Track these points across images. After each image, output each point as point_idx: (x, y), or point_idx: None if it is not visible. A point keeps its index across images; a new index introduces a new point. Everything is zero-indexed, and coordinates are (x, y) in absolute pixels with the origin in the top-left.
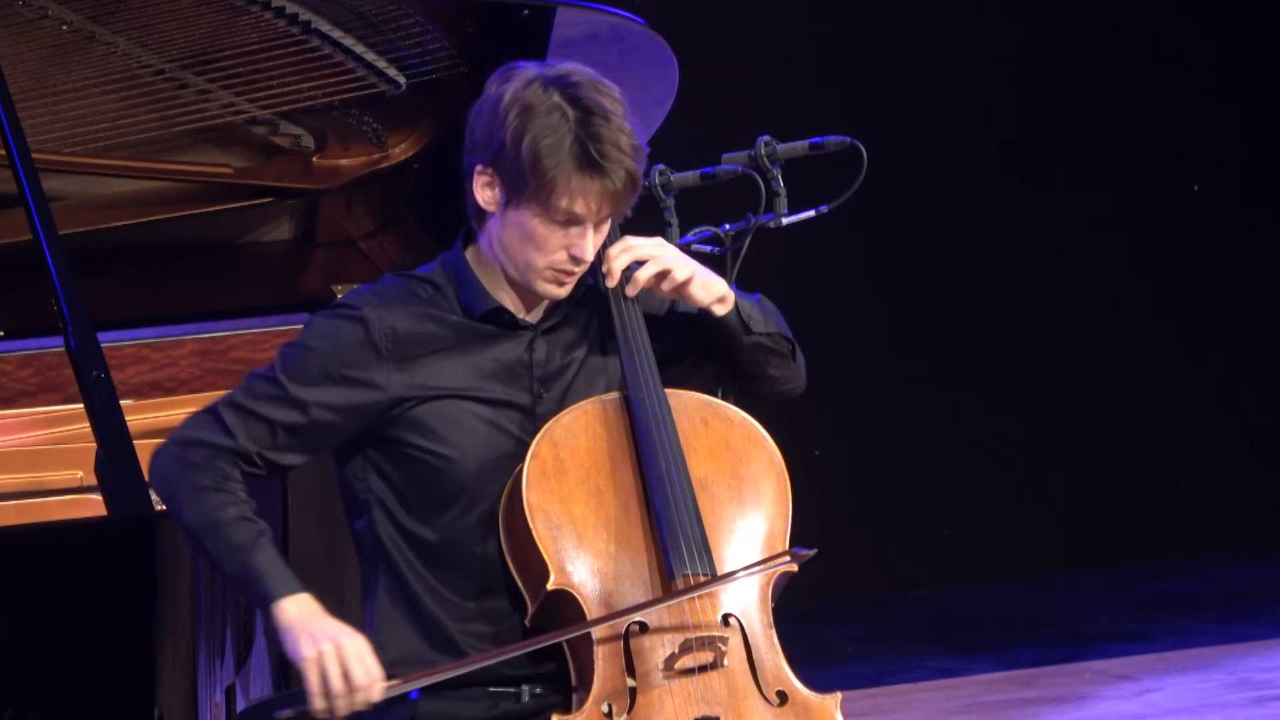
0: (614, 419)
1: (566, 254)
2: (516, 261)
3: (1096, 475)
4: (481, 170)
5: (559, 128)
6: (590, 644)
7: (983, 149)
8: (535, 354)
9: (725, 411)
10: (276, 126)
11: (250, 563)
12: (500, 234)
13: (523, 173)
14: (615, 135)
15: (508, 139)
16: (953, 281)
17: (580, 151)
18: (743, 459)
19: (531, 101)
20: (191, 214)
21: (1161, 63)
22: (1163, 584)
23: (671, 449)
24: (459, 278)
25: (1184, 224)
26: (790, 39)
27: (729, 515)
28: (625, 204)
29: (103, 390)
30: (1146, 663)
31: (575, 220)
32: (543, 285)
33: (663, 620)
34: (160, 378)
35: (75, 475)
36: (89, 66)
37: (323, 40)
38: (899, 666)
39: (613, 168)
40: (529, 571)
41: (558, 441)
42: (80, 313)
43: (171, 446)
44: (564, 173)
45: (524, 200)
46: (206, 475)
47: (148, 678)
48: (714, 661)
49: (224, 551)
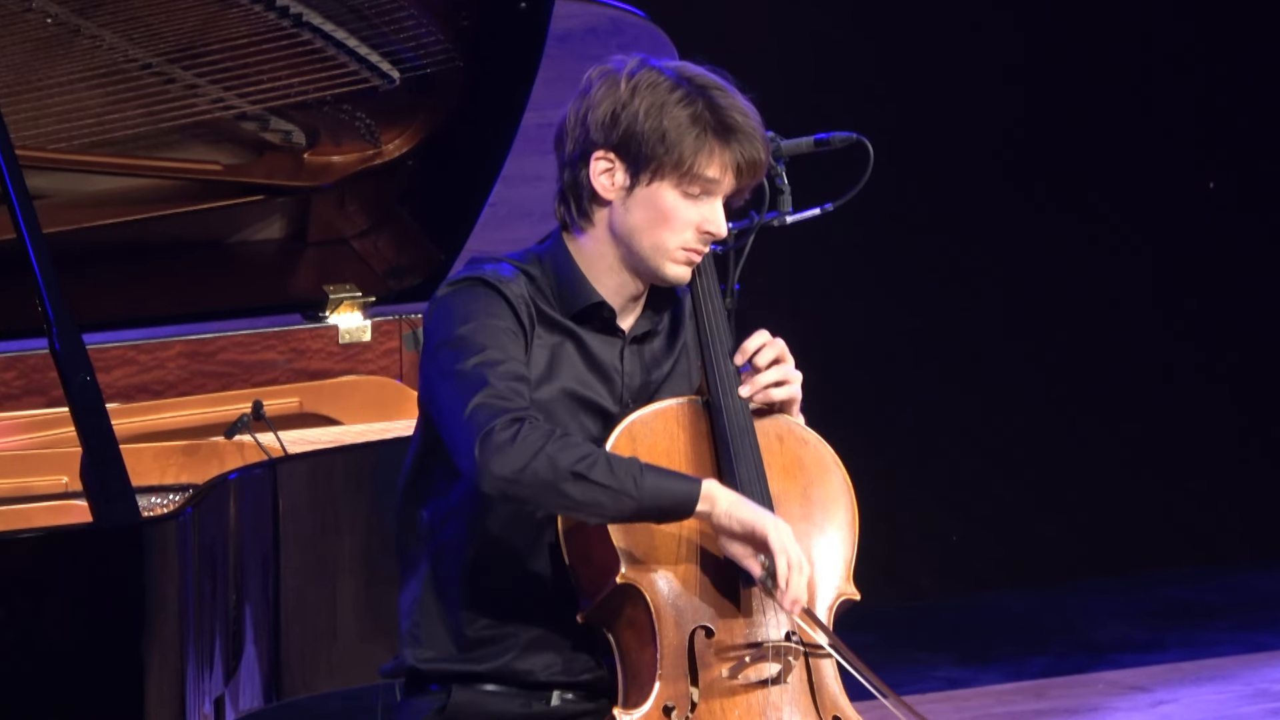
0: (694, 422)
1: (697, 231)
2: (646, 245)
3: (1109, 481)
4: (602, 155)
5: (691, 101)
6: (654, 645)
7: (993, 145)
8: (626, 364)
9: (800, 431)
10: (267, 122)
11: (650, 476)
12: (624, 220)
13: (659, 147)
14: (743, 106)
15: (639, 115)
16: (962, 283)
17: (716, 121)
18: (815, 481)
19: (653, 81)
20: (179, 212)
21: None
22: (1177, 592)
23: (754, 458)
24: (559, 267)
25: (1198, 224)
26: (795, 31)
27: (799, 534)
28: (759, 174)
29: (88, 393)
30: (1160, 673)
31: (709, 191)
32: (671, 268)
33: (731, 629)
34: (147, 380)
35: (60, 481)
36: (74, 60)
37: (314, 34)
38: (907, 677)
39: (750, 134)
40: (590, 565)
41: (636, 436)
42: (65, 314)
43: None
44: (705, 141)
45: (657, 176)
46: (553, 438)
47: (134, 689)
48: (779, 675)
49: (628, 485)
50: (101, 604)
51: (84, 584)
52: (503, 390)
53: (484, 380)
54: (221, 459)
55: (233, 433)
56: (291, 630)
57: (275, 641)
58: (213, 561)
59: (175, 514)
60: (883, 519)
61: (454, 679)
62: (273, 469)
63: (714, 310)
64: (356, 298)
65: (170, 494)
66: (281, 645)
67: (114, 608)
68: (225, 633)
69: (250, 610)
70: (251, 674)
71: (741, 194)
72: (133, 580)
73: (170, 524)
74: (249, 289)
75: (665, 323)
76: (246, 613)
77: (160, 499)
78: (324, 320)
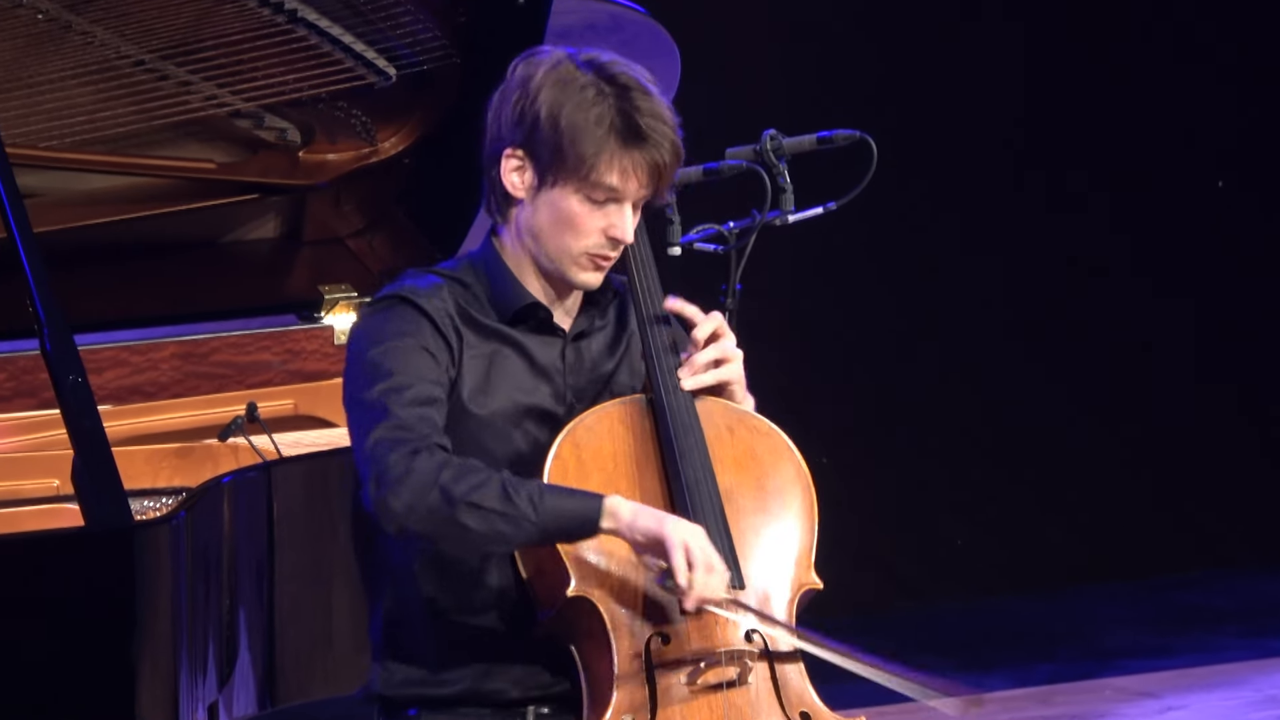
0: (638, 422)
1: (604, 236)
2: (550, 248)
3: (1115, 484)
4: (511, 153)
5: (599, 101)
6: (610, 655)
7: (998, 144)
8: (567, 363)
9: (752, 420)
10: (261, 120)
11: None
12: (532, 220)
13: (561, 149)
14: (657, 107)
15: (543, 116)
16: (967, 284)
17: (623, 124)
18: (769, 471)
19: (566, 78)
20: (172, 211)
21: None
22: (1185, 596)
23: (699, 455)
24: (491, 272)
25: (1207, 224)
26: (797, 28)
27: (755, 527)
28: (668, 179)
29: (80, 395)
30: (1169, 679)
31: (615, 198)
32: (577, 273)
33: (687, 634)
34: (140, 382)
35: (51, 484)
36: (65, 57)
37: (309, 30)
38: None
39: (657, 139)
40: (544, 578)
41: (580, 442)
42: (56, 314)
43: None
44: (607, 146)
45: (561, 179)
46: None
47: (127, 695)
48: (738, 678)
49: (524, 510)
50: (93, 609)
51: (75, 589)
52: (404, 419)
53: (385, 411)
54: (215, 462)
55: (227, 435)
56: (286, 636)
57: (269, 647)
58: (206, 566)
59: (168, 518)
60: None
61: (426, 704)
62: (267, 472)
63: (653, 304)
64: (352, 298)
65: (163, 497)
66: (276, 651)
67: (106, 613)
68: (219, 638)
69: (244, 615)
70: (245, 680)
71: (658, 197)
72: (125, 585)
73: (163, 528)
74: (243, 289)
75: (610, 318)
76: (240, 618)
77: (153, 502)
78: (319, 321)
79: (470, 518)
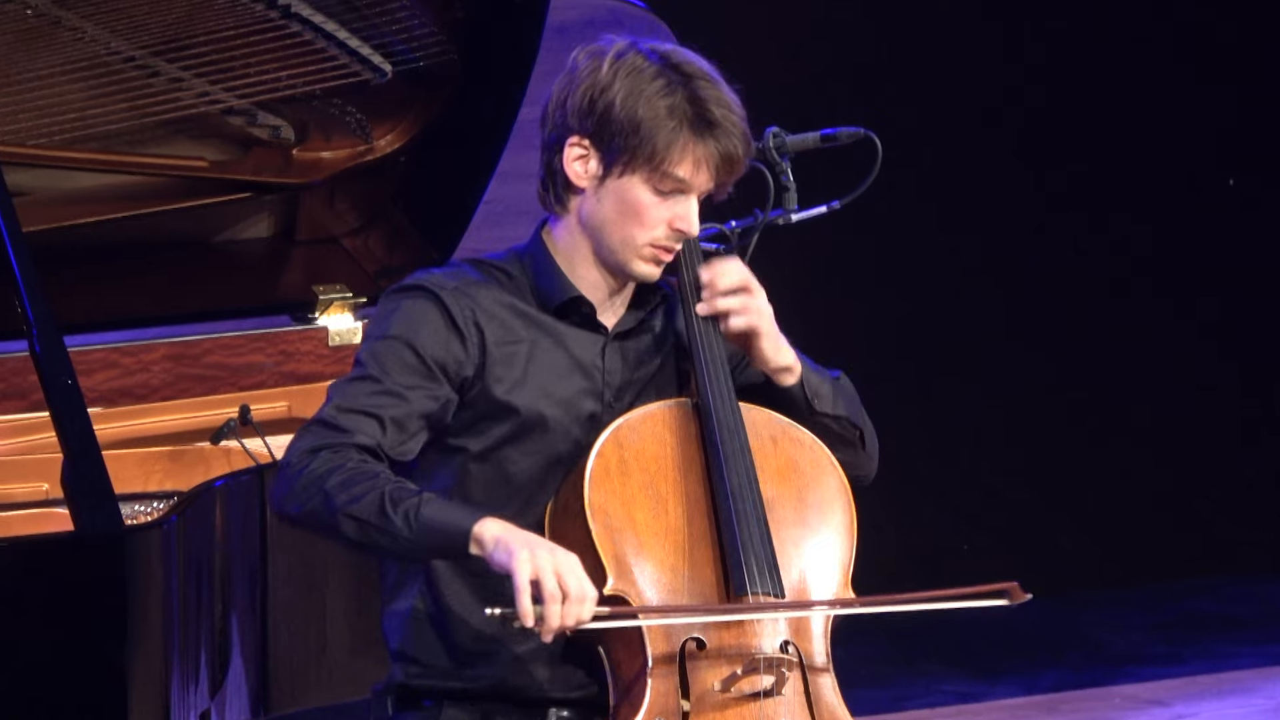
0: (683, 425)
1: (669, 228)
2: (614, 239)
3: (1125, 487)
4: (576, 141)
5: (671, 92)
6: (643, 657)
7: (1005, 141)
8: (608, 361)
9: (795, 432)
10: (254, 117)
11: (430, 514)
12: (595, 210)
13: (634, 139)
14: (726, 97)
15: (616, 105)
16: (973, 284)
17: (695, 114)
18: (811, 483)
19: (636, 67)
20: (164, 210)
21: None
22: (1196, 603)
23: (745, 463)
24: (536, 264)
25: (1219, 223)
26: (801, 23)
27: (795, 539)
28: (736, 171)
29: (70, 397)
30: (1179, 687)
31: (683, 189)
32: (639, 265)
33: (723, 640)
34: (131, 384)
35: (40, 488)
36: (55, 53)
37: (303, 25)
38: (915, 691)
39: (730, 129)
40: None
41: (623, 442)
42: (46, 315)
43: (287, 471)
44: (679, 135)
45: (630, 168)
46: (346, 462)
47: (118, 704)
48: (773, 688)
49: (398, 526)
50: (83, 616)
51: (65, 595)
52: (336, 420)
53: (327, 405)
54: (207, 465)
55: (219, 438)
56: (280, 642)
57: (263, 654)
58: (198, 571)
59: (159, 522)
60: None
61: (446, 695)
62: (260, 476)
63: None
64: (347, 298)
65: (154, 502)
66: (269, 658)
67: (96, 619)
68: (211, 645)
69: (237, 622)
70: (238, 687)
71: (721, 191)
72: (115, 591)
73: (154, 533)
74: (236, 289)
75: (658, 320)
76: (233, 624)
77: (144, 507)
78: (313, 322)
79: (347, 526)
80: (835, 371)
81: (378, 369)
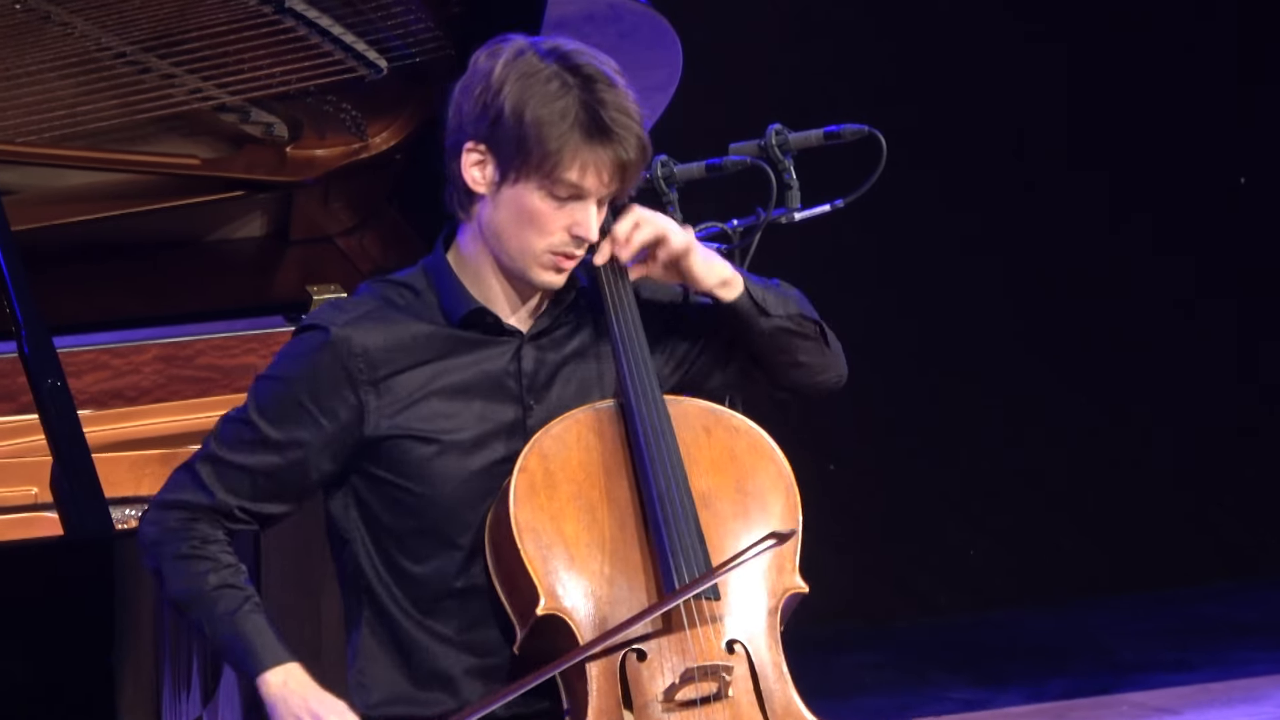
0: (608, 428)
1: (568, 234)
2: (511, 247)
3: (1133, 491)
4: (472, 147)
5: (563, 95)
6: (585, 673)
7: (1011, 139)
8: (523, 363)
9: (730, 420)
10: (247, 114)
11: (235, 632)
12: (493, 217)
13: (524, 144)
14: (623, 101)
15: (506, 109)
16: (979, 284)
17: (588, 118)
18: (748, 472)
19: (529, 70)
20: (155, 209)
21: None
22: (1205, 608)
23: (671, 461)
24: (438, 280)
25: (1230, 222)
26: (804, 19)
27: (734, 533)
28: (634, 176)
29: (59, 399)
30: (1188, 694)
31: (579, 195)
32: (540, 273)
33: (662, 647)
34: (121, 386)
35: (29, 492)
36: (44, 49)
37: (297, 21)
38: (921, 698)
39: (623, 134)
40: (517, 595)
41: (547, 454)
42: (35, 316)
43: (152, 512)
44: (571, 141)
45: (523, 175)
46: (184, 541)
47: (108, 711)
48: (718, 692)
49: (208, 622)
50: (73, 622)
51: (54, 601)
52: (209, 471)
53: (208, 448)
54: None
55: None
56: None
57: None
58: None
59: None
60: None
61: None
62: None
63: (623, 305)
64: None
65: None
66: None
67: (86, 626)
68: (203, 652)
69: None
70: (231, 696)
71: (621, 194)
72: (106, 597)
73: None
74: (229, 289)
75: (575, 315)
76: None
77: (135, 511)
78: None
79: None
80: (773, 280)
81: (259, 414)
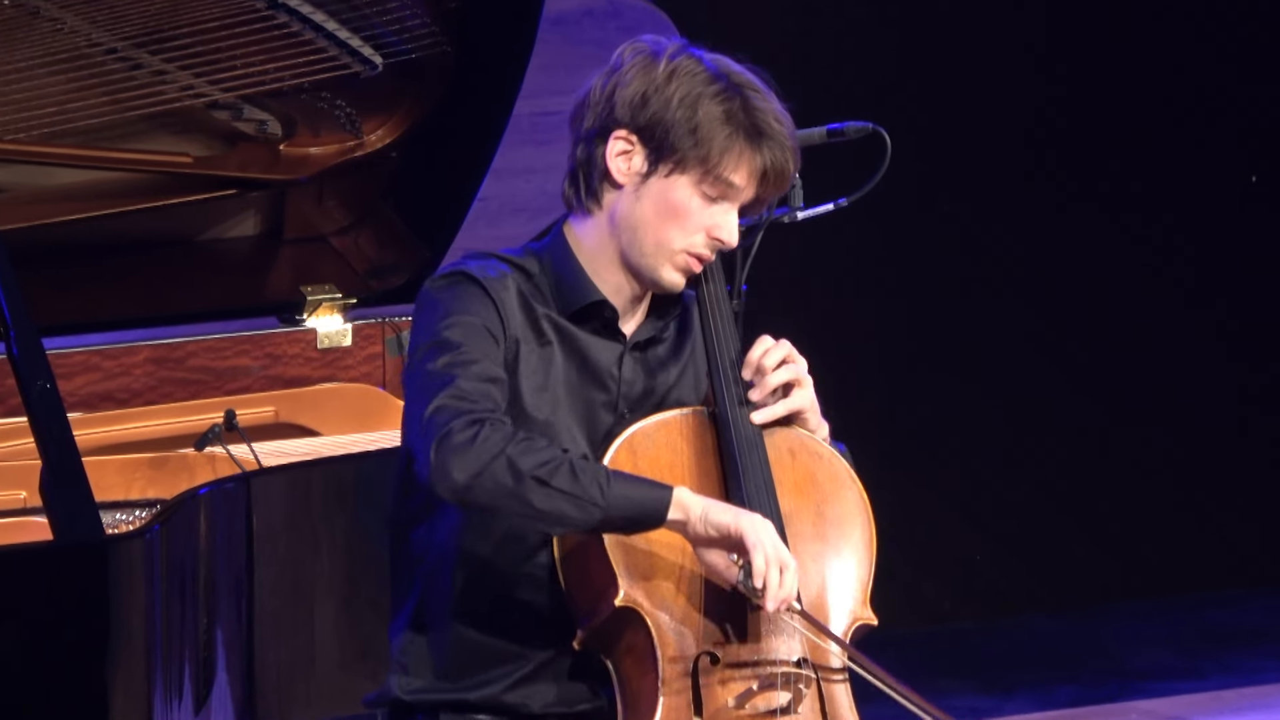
0: (699, 434)
1: (706, 235)
2: (647, 240)
3: (1143, 496)
4: (623, 135)
5: (728, 98)
6: (654, 672)
7: (1018, 137)
8: (625, 371)
9: (814, 445)
10: (240, 111)
11: (618, 484)
12: (632, 209)
13: (689, 137)
14: (779, 112)
15: (672, 101)
16: (986, 285)
17: (750, 123)
18: (829, 498)
19: (694, 70)
20: (147, 207)
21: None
22: (1217, 615)
23: (763, 473)
24: (558, 264)
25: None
26: (807, 15)
27: (812, 554)
28: (782, 186)
29: (49, 402)
30: (1199, 702)
31: (727, 196)
32: (669, 272)
33: (738, 655)
34: (112, 388)
35: (18, 496)
36: (33, 45)
37: (291, 16)
38: None
39: (780, 141)
40: (589, 587)
41: (636, 448)
42: (24, 317)
43: (450, 440)
44: (735, 142)
45: (680, 169)
46: (515, 440)
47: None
48: (790, 704)
49: (593, 494)
50: (62, 628)
51: (43, 606)
52: (468, 391)
53: (450, 380)
54: (191, 472)
55: (203, 444)
56: (266, 656)
57: (249, 668)
58: (182, 582)
59: (141, 531)
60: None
61: (442, 708)
62: (246, 483)
63: (721, 317)
64: (336, 299)
65: (136, 510)
66: (256, 672)
67: (76, 632)
68: (195, 658)
69: (222, 634)
70: (224, 702)
71: (760, 205)
72: (96, 602)
73: (136, 542)
74: (221, 290)
75: (671, 330)
76: (218, 637)
77: (126, 515)
78: (301, 323)
79: (535, 494)
80: (840, 445)
81: (470, 348)
